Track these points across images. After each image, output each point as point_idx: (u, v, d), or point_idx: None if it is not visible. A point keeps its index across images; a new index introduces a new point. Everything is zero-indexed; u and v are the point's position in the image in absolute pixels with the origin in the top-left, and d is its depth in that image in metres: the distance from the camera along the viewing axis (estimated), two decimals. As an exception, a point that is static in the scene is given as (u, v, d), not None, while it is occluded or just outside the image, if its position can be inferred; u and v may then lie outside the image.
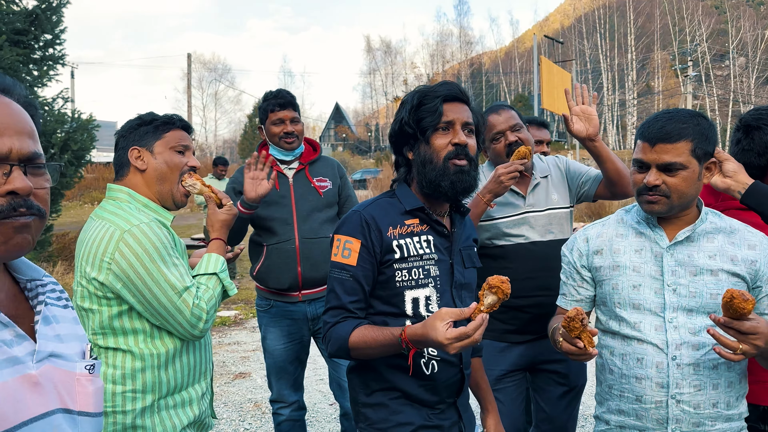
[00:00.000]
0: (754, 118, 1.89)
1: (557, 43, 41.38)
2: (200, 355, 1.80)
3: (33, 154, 0.88)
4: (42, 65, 8.12)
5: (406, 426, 1.59)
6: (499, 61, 66.20)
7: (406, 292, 1.58)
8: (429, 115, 1.56)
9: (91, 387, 0.97)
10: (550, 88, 24.47)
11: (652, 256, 1.64)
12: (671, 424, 1.58)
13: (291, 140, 2.92)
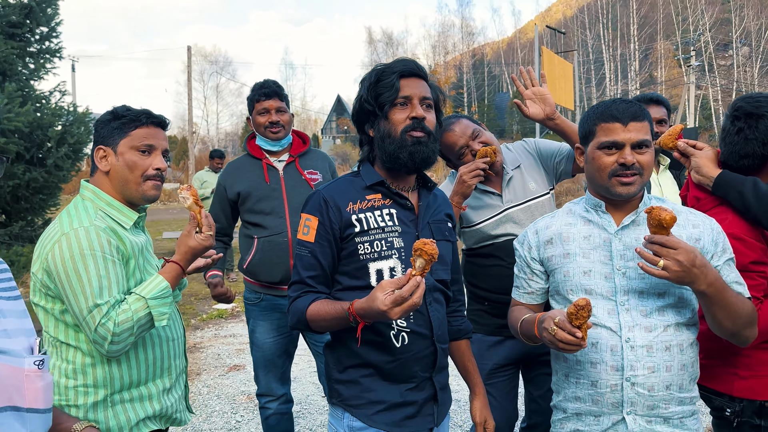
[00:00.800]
0: (755, 107, 1.85)
1: (559, 33, 41.10)
2: (160, 352, 1.79)
3: None
4: (38, 58, 8.10)
5: (378, 404, 1.61)
6: (501, 52, 65.87)
7: (370, 265, 1.61)
8: (386, 91, 1.59)
9: (40, 383, 0.97)
10: (551, 80, 24.35)
11: (600, 242, 1.66)
12: (626, 407, 1.60)
13: (276, 130, 2.91)
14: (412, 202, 1.70)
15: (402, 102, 1.62)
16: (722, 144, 1.94)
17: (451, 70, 59.16)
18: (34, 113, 7.36)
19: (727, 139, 1.90)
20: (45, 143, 7.52)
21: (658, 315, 1.60)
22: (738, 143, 1.87)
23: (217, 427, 3.99)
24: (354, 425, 1.62)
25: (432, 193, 1.77)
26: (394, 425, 1.62)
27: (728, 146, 1.90)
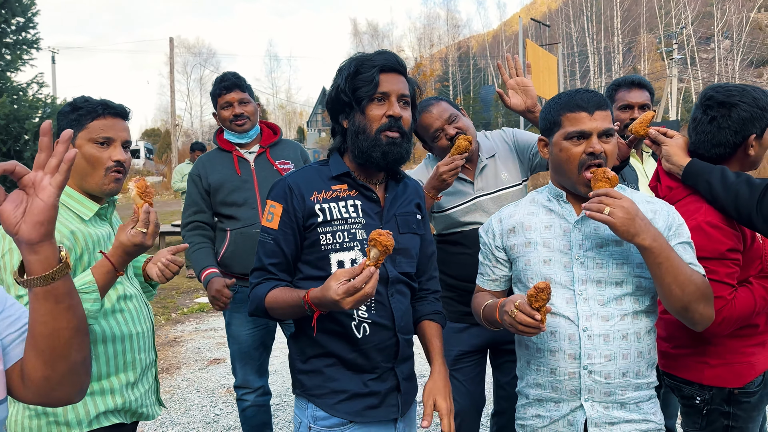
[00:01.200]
0: (726, 96, 1.84)
1: (544, 26, 41.28)
2: (122, 347, 1.77)
3: None
4: (15, 49, 7.98)
5: (341, 393, 1.62)
6: (486, 45, 65.91)
7: (331, 255, 1.61)
8: (365, 85, 1.57)
9: None
10: (536, 72, 24.44)
11: (561, 232, 1.68)
12: (584, 394, 1.63)
13: (242, 122, 2.88)
14: (379, 194, 1.69)
15: (380, 98, 1.59)
16: (692, 133, 1.94)
17: (437, 62, 59.14)
18: (11, 105, 7.26)
19: (698, 128, 1.90)
20: (22, 136, 7.41)
21: (615, 304, 1.62)
22: (711, 132, 1.87)
23: (195, 420, 3.98)
24: (317, 415, 1.63)
25: (402, 182, 1.76)
26: (357, 415, 1.62)
27: (700, 135, 1.90)
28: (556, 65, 27.13)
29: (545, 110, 1.72)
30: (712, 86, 1.93)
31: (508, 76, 2.36)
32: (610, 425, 1.62)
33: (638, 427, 1.63)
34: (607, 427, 1.62)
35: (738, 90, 1.85)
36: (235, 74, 2.94)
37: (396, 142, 1.59)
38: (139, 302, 1.87)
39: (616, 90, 2.79)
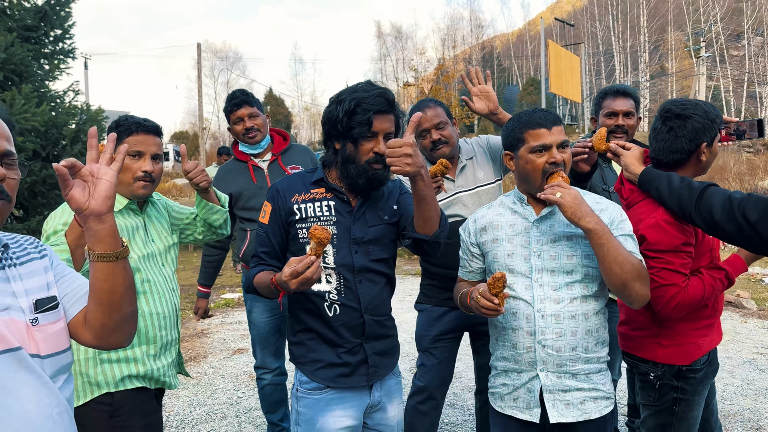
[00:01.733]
0: (682, 109, 2.11)
1: (568, 25, 41.06)
2: (144, 324, 2.09)
3: (7, 151, 1.22)
4: (53, 59, 8.45)
5: (318, 362, 1.95)
6: (510, 45, 65.63)
7: (307, 247, 1.88)
8: (359, 126, 1.84)
9: (39, 335, 1.26)
10: (558, 72, 24.47)
11: (522, 229, 1.97)
12: (539, 365, 1.91)
13: (253, 134, 3.21)
14: (350, 197, 1.97)
15: (371, 136, 1.87)
16: (653, 141, 2.19)
17: (460, 63, 59.13)
18: (50, 113, 7.70)
19: (658, 137, 2.16)
20: (60, 141, 7.86)
21: (566, 289, 1.90)
22: (669, 140, 2.12)
23: (220, 402, 4.33)
24: (302, 379, 1.98)
25: None
26: (330, 380, 1.93)
27: (660, 143, 2.15)
28: (579, 65, 27.11)
29: (508, 129, 2.00)
30: (671, 101, 2.18)
31: (472, 85, 2.67)
32: (563, 392, 1.90)
33: (588, 395, 1.90)
34: (560, 394, 1.90)
35: (692, 104, 2.11)
36: (243, 91, 3.27)
37: (378, 173, 1.89)
38: (164, 288, 2.18)
39: (603, 98, 3.04)
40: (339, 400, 1.94)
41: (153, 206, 2.29)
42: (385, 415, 2.06)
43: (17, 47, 6.90)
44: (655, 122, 2.20)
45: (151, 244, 2.20)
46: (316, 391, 1.94)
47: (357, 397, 1.97)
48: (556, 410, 1.90)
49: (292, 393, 2.02)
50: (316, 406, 1.94)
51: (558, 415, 1.89)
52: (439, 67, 32.31)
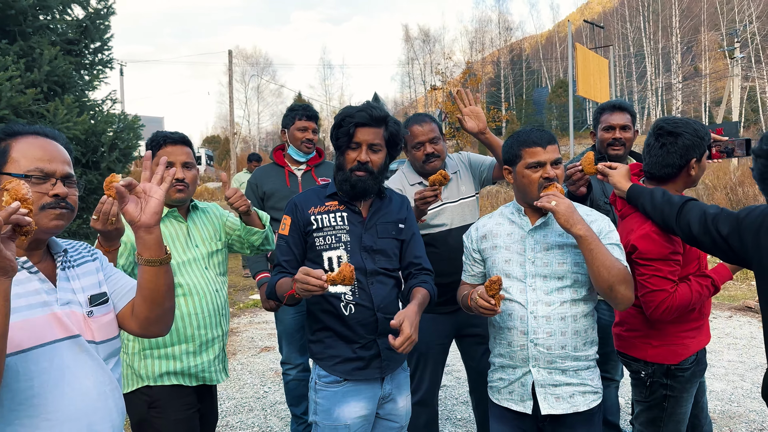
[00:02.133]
0: (673, 127, 2.27)
1: (598, 27, 40.69)
2: (182, 324, 2.30)
3: (69, 174, 1.52)
4: (92, 70, 8.87)
5: (336, 358, 2.15)
6: (539, 47, 65.20)
7: (324, 253, 2.14)
8: (343, 136, 2.10)
9: (94, 324, 1.53)
10: (586, 75, 24.33)
11: (519, 238, 2.15)
12: (531, 362, 2.09)
13: (309, 146, 3.60)
14: (365, 208, 2.20)
15: (354, 146, 2.11)
16: (646, 156, 2.36)
17: (489, 65, 58.97)
18: (89, 121, 8.11)
19: (651, 152, 2.32)
20: (99, 148, 8.26)
21: (557, 293, 2.08)
22: (661, 155, 2.29)
23: (247, 396, 4.59)
24: (320, 373, 2.17)
25: (385, 200, 2.25)
26: (347, 374, 2.13)
27: (653, 158, 2.32)
28: (607, 68, 26.87)
29: (507, 146, 2.19)
30: (663, 119, 2.35)
31: (463, 105, 2.86)
32: (553, 386, 2.08)
33: (576, 389, 2.08)
34: (551, 388, 2.08)
35: (683, 122, 2.28)
36: (315, 111, 3.67)
37: (362, 179, 2.11)
38: (204, 290, 2.35)
39: (601, 113, 3.21)
40: (354, 392, 2.14)
41: (201, 213, 2.49)
42: (396, 406, 2.26)
43: (60, 60, 7.30)
44: (648, 138, 2.35)
45: (193, 250, 2.38)
46: (333, 384, 2.14)
47: (370, 389, 2.17)
48: (547, 403, 2.07)
49: (311, 386, 2.21)
50: (333, 398, 2.13)
51: (549, 407, 2.07)
52: (465, 71, 32.34)
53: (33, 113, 6.91)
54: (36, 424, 1.36)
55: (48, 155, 1.49)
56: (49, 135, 1.56)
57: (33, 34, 7.50)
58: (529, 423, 2.15)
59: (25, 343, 1.36)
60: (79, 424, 1.42)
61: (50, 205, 1.46)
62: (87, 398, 1.45)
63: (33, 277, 1.45)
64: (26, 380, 1.35)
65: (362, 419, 2.15)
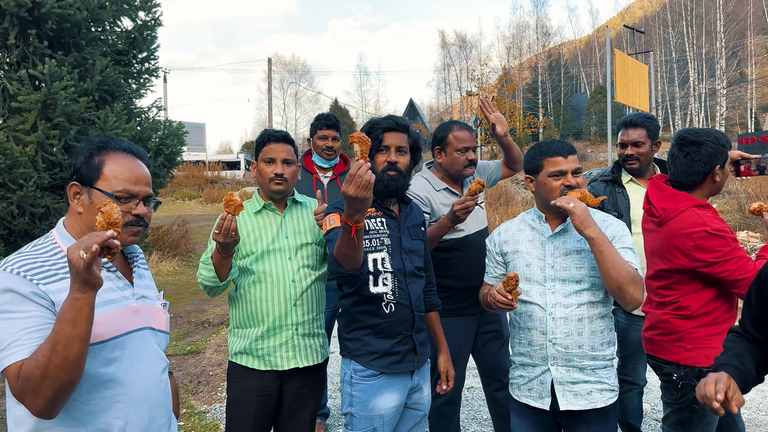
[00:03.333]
0: (696, 137, 2.38)
1: (638, 32, 40.01)
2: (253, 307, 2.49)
3: (150, 194, 1.70)
4: (139, 79, 9.27)
5: (374, 353, 2.29)
6: (578, 52, 64.36)
7: (368, 255, 2.27)
8: (373, 141, 2.27)
9: (164, 316, 1.75)
10: (625, 81, 23.98)
11: (539, 243, 2.27)
12: (550, 360, 2.21)
13: (330, 153, 3.84)
14: (396, 212, 2.37)
15: (383, 149, 2.29)
16: (671, 166, 2.46)
17: (526, 71, 58.52)
18: (136, 128, 8.50)
19: (677, 162, 2.43)
20: (145, 154, 8.68)
21: (575, 296, 2.19)
22: (687, 164, 2.40)
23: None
24: (357, 368, 2.31)
25: (409, 205, 2.45)
26: (385, 368, 2.28)
27: (678, 167, 2.43)
28: (646, 74, 26.42)
29: (529, 156, 2.32)
30: (684, 130, 2.46)
31: (489, 113, 3.03)
32: (572, 384, 2.19)
33: (594, 387, 2.19)
34: (569, 386, 2.19)
35: (704, 132, 2.39)
36: (335, 117, 3.87)
37: (393, 178, 2.29)
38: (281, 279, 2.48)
39: (619, 129, 3.43)
40: (388, 384, 2.28)
41: (301, 207, 2.64)
42: (422, 395, 2.43)
43: (110, 70, 7.69)
44: (672, 149, 2.46)
45: (282, 240, 2.52)
46: (370, 378, 2.28)
47: (402, 381, 2.32)
48: (566, 399, 2.18)
49: (345, 380, 2.34)
50: (369, 390, 2.27)
51: (567, 404, 2.18)
52: (501, 77, 32.22)
53: (85, 120, 7.30)
54: (109, 405, 1.55)
55: (135, 177, 1.64)
56: (136, 154, 1.71)
57: (86, 45, 7.91)
58: (548, 418, 2.26)
59: (106, 334, 1.54)
60: (144, 406, 1.61)
61: (131, 223, 1.64)
62: (151, 382, 1.65)
63: (111, 275, 1.65)
64: (104, 367, 1.54)
65: (394, 409, 2.30)
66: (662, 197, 2.45)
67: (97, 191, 1.60)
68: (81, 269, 1.31)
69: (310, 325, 2.53)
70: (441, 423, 3.12)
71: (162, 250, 11.38)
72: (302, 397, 2.54)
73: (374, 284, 2.27)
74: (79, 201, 1.62)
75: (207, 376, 5.19)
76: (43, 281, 1.48)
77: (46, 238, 1.63)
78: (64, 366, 1.35)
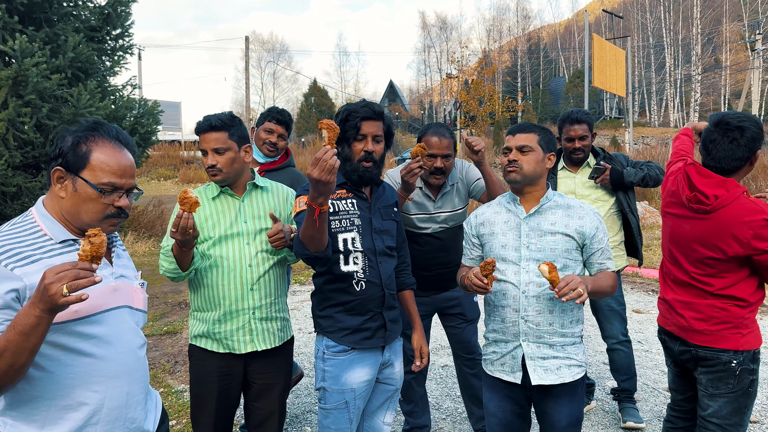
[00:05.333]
0: (739, 121, 2.36)
1: (617, 17, 40.25)
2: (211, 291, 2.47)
3: (134, 186, 1.69)
4: (113, 56, 9.08)
5: (345, 330, 2.35)
6: (557, 36, 64.55)
7: (339, 235, 2.32)
8: (351, 130, 2.30)
9: (142, 295, 1.77)
10: (602, 66, 24.20)
11: (514, 225, 2.34)
12: (522, 336, 2.29)
13: (271, 149, 3.56)
14: (367, 194, 2.40)
15: (360, 138, 2.31)
16: (713, 151, 2.39)
17: (506, 54, 58.57)
18: (111, 106, 8.34)
19: (719, 147, 2.37)
20: (119, 133, 8.54)
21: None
22: (731, 149, 2.37)
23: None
24: (329, 344, 2.36)
25: (381, 187, 2.48)
26: (356, 343, 2.34)
27: (721, 152, 2.37)
28: (624, 59, 26.66)
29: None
30: (724, 114, 2.42)
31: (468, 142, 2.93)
32: (542, 359, 2.27)
33: (563, 363, 2.27)
34: (539, 361, 2.27)
35: (744, 116, 2.39)
36: (290, 116, 3.62)
37: (368, 169, 2.33)
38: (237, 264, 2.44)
39: (563, 124, 3.77)
40: (359, 359, 2.34)
41: (262, 192, 2.57)
42: (393, 370, 2.50)
43: (83, 46, 7.52)
44: (711, 135, 2.41)
45: (241, 225, 2.48)
46: (341, 354, 2.33)
47: (373, 356, 2.38)
48: (537, 374, 2.26)
49: (318, 356, 2.40)
50: (341, 365, 2.33)
51: (538, 378, 2.26)
52: (481, 59, 32.21)
53: (57, 98, 7.15)
54: (86, 380, 1.56)
55: (121, 170, 1.62)
56: (124, 142, 1.68)
57: (58, 21, 7.71)
58: (519, 392, 2.34)
59: (84, 311, 1.55)
60: (121, 382, 1.64)
61: (113, 215, 1.64)
62: (129, 358, 1.67)
63: None
64: (80, 341, 1.55)
65: (366, 383, 2.36)
66: (710, 184, 2.39)
67: (82, 181, 1.59)
68: (56, 303, 1.32)
69: (267, 309, 2.51)
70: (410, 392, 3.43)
71: (137, 230, 11.27)
72: (268, 377, 2.54)
73: (345, 263, 2.31)
74: (62, 186, 1.61)
75: (184, 356, 5.20)
76: (19, 264, 1.47)
77: (25, 217, 1.62)
78: (8, 372, 1.39)
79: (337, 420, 2.33)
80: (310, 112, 48.59)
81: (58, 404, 1.53)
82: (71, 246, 1.61)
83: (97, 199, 1.60)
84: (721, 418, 2.41)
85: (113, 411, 1.62)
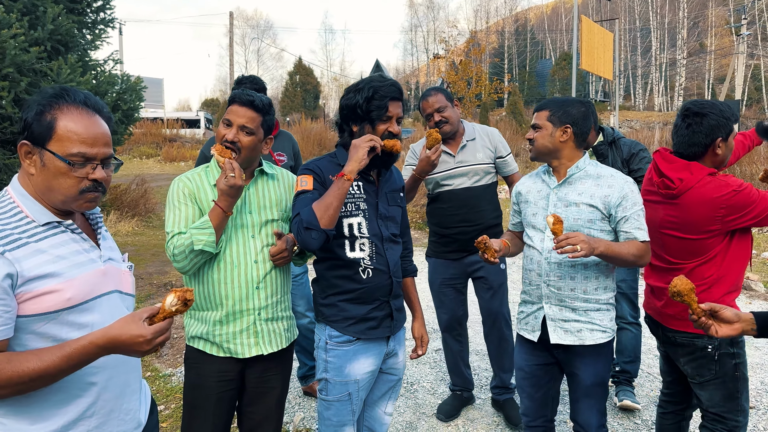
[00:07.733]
0: (699, 108, 2.38)
1: (605, 0, 40.11)
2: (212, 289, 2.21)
3: (109, 155, 1.53)
4: (94, 29, 8.78)
5: (351, 319, 2.24)
6: (545, 18, 64.28)
7: (344, 220, 2.20)
8: (377, 110, 2.16)
9: (130, 279, 1.66)
10: (590, 49, 24.11)
11: (545, 194, 2.45)
12: (545, 299, 2.42)
13: None
14: (374, 177, 2.29)
15: (386, 119, 2.18)
16: (675, 137, 2.48)
17: (493, 35, 58.23)
18: (92, 81, 8.09)
19: (679, 132, 2.45)
20: (101, 109, 8.30)
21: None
22: (688, 135, 2.41)
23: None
24: (332, 334, 2.23)
25: (389, 170, 2.36)
26: (361, 333, 2.23)
27: (680, 137, 2.44)
28: (611, 42, 26.58)
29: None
30: (690, 101, 2.46)
31: None
32: (563, 321, 2.41)
33: (584, 326, 2.38)
34: (560, 322, 2.42)
35: (709, 104, 2.39)
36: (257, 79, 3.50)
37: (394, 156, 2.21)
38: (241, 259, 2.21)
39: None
40: (364, 349, 2.24)
41: (269, 179, 2.34)
42: (397, 360, 2.41)
43: (63, 18, 7.24)
44: (676, 120, 2.48)
45: (245, 216, 2.25)
46: (345, 344, 2.22)
47: (378, 346, 2.29)
48: (556, 334, 2.41)
49: (320, 346, 2.27)
50: (345, 356, 2.22)
51: (557, 338, 2.41)
52: (469, 40, 31.95)
53: (36, 72, 6.89)
54: (84, 371, 1.46)
55: (91, 137, 1.46)
56: (94, 107, 1.51)
57: (36, -9, 7.41)
58: (545, 351, 2.52)
59: (76, 298, 1.44)
60: (120, 370, 1.55)
61: (88, 189, 1.47)
62: None
63: (77, 236, 1.51)
64: (75, 331, 1.44)
65: (370, 374, 2.27)
66: (674, 168, 2.43)
67: (50, 154, 1.43)
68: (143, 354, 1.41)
69: (273, 308, 2.27)
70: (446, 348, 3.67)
71: (120, 210, 11.04)
72: (267, 381, 2.31)
73: (351, 249, 2.20)
74: (31, 162, 1.46)
75: (171, 339, 5.09)
76: (8, 248, 1.36)
77: (3, 196, 1.48)
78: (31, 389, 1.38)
79: (339, 412, 2.24)
80: (295, 91, 48.02)
81: (51, 398, 1.44)
82: (56, 228, 1.49)
83: (68, 173, 1.44)
84: (716, 407, 2.41)
85: (108, 402, 1.53)
